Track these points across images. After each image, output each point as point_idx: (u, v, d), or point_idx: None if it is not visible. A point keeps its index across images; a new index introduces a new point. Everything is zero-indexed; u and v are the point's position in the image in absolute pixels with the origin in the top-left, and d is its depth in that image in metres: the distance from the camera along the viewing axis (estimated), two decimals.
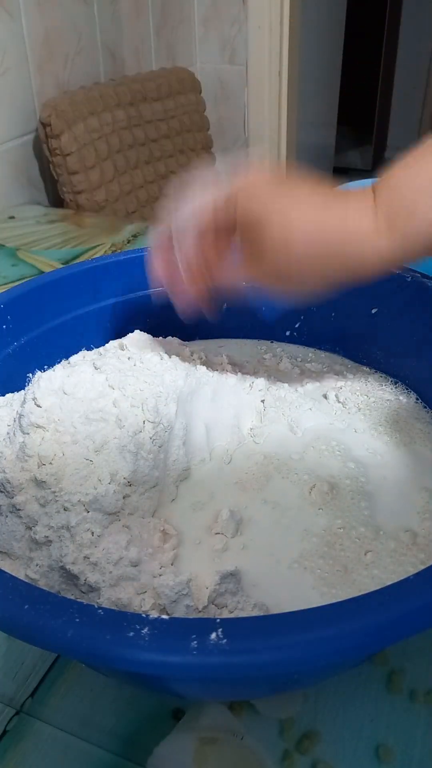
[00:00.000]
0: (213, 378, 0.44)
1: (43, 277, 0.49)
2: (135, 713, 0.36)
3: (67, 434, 0.37)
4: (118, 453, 0.36)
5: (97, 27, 1.21)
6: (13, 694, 0.38)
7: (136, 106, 1.21)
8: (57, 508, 0.35)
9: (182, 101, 1.33)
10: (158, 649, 0.23)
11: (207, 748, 0.35)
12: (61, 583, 0.34)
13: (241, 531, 0.38)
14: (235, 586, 0.33)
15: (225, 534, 0.37)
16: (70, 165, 1.06)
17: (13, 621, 0.25)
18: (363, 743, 0.35)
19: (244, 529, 0.38)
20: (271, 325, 0.56)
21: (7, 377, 0.45)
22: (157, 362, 0.42)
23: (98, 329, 0.50)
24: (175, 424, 0.41)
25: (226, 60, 1.58)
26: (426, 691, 0.37)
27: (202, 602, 0.32)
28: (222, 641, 0.23)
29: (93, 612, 0.25)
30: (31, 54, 1.07)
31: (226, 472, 0.43)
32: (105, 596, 0.32)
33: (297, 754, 0.34)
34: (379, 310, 0.50)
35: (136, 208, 1.21)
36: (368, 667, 0.38)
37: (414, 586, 0.25)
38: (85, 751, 0.35)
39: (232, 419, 0.44)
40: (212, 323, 0.56)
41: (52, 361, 0.47)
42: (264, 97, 1.58)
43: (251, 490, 0.41)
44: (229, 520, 0.37)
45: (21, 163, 1.10)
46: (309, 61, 1.73)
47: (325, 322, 0.54)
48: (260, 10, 1.49)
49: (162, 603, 0.32)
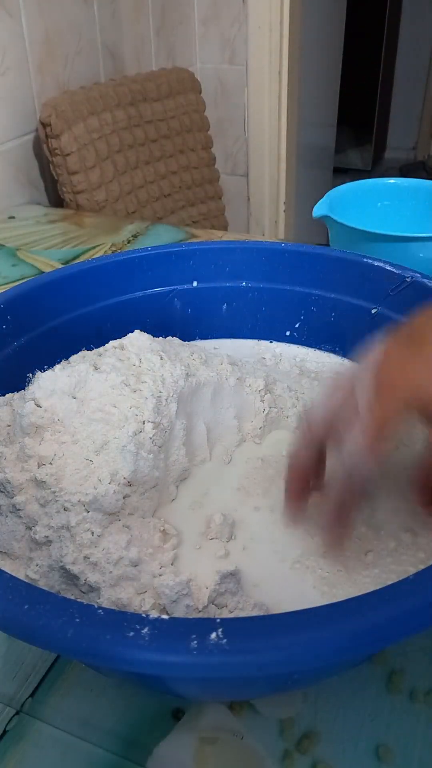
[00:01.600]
0: (213, 378, 0.44)
1: (43, 277, 0.49)
2: (135, 713, 0.36)
3: (67, 434, 0.37)
4: (118, 453, 0.36)
5: (97, 27, 1.21)
6: (13, 694, 0.38)
7: (136, 106, 1.21)
8: (57, 508, 0.35)
9: (182, 101, 1.33)
10: (158, 649, 0.23)
11: (207, 748, 0.35)
12: (61, 583, 0.34)
13: (240, 531, 0.38)
14: (235, 586, 0.33)
15: (220, 539, 0.37)
16: (70, 165, 1.06)
17: (13, 621, 0.25)
18: (363, 743, 0.35)
19: (245, 529, 0.38)
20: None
21: (7, 377, 0.45)
22: (157, 362, 0.42)
23: (98, 329, 0.50)
24: (175, 424, 0.41)
25: (226, 60, 1.58)
26: (426, 691, 0.37)
27: (202, 602, 0.32)
28: (222, 641, 0.23)
29: (93, 612, 0.25)
30: (31, 54, 1.07)
31: (226, 472, 0.43)
32: (105, 596, 0.32)
33: (297, 754, 0.34)
34: (379, 310, 0.50)
35: (136, 208, 1.21)
36: (368, 667, 0.38)
37: (414, 586, 0.25)
38: (85, 751, 0.35)
39: (232, 419, 0.44)
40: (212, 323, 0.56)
41: (52, 361, 0.47)
42: (264, 97, 1.58)
43: (251, 491, 0.41)
44: (223, 525, 0.37)
45: (21, 163, 1.10)
46: (309, 61, 1.72)
47: (325, 322, 0.54)
48: (260, 10, 1.49)
49: (162, 603, 0.32)
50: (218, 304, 0.55)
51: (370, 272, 0.50)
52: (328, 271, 0.52)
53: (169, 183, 1.31)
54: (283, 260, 0.53)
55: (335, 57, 2.10)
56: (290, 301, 0.54)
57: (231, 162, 1.69)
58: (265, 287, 0.54)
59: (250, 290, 0.55)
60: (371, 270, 0.50)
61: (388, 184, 0.76)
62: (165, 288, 0.54)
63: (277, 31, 1.50)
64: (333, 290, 0.52)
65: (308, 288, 0.53)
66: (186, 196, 1.36)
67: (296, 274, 0.53)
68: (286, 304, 0.54)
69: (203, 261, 0.54)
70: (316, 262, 0.52)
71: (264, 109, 1.59)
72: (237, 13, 1.52)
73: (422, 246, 0.61)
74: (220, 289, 0.55)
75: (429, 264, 0.61)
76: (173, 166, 1.32)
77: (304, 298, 0.54)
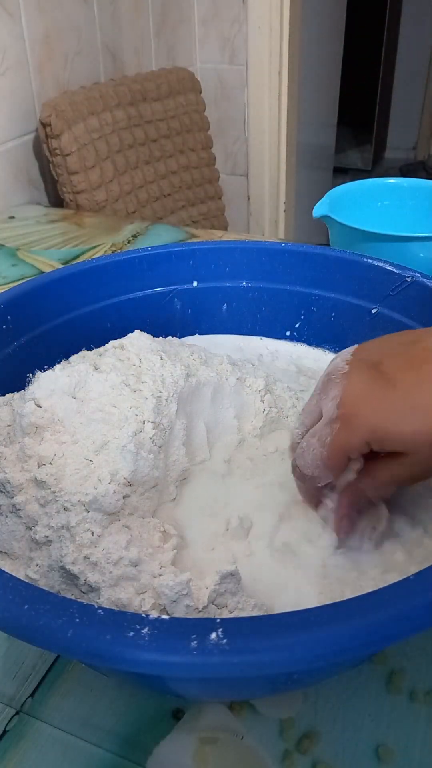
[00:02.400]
0: (213, 378, 0.44)
1: (43, 277, 0.49)
2: (135, 713, 0.36)
3: (67, 434, 0.37)
4: (118, 453, 0.36)
5: (97, 27, 1.21)
6: (13, 694, 0.38)
7: (136, 106, 1.21)
8: (57, 508, 0.35)
9: (182, 101, 1.33)
10: (158, 649, 0.23)
11: (207, 748, 0.35)
12: (61, 583, 0.34)
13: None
14: (235, 586, 0.33)
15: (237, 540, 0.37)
16: (70, 165, 1.06)
17: (13, 621, 0.25)
18: (363, 743, 0.35)
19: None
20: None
21: (7, 377, 0.45)
22: (157, 362, 0.42)
23: (98, 329, 0.50)
24: (175, 424, 0.41)
25: (226, 60, 1.58)
26: (426, 691, 0.37)
27: (202, 602, 0.32)
28: (222, 641, 0.23)
29: (93, 612, 0.25)
30: (31, 54, 1.07)
31: (226, 472, 0.43)
32: (105, 596, 0.32)
33: (297, 754, 0.34)
34: (379, 310, 0.50)
35: (136, 208, 1.21)
36: (368, 667, 0.38)
37: (414, 586, 0.25)
38: (85, 751, 0.35)
39: (232, 419, 0.44)
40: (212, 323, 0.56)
41: (52, 361, 0.47)
42: (264, 97, 1.58)
43: (251, 491, 0.41)
44: (239, 528, 0.38)
45: (21, 163, 1.10)
46: (309, 61, 1.73)
47: (325, 322, 0.54)
48: (260, 10, 1.49)
49: (162, 603, 0.32)
50: (218, 304, 0.55)
51: (370, 272, 0.50)
52: (328, 271, 0.52)
53: (169, 183, 1.31)
54: (283, 260, 0.53)
55: (335, 57, 2.10)
56: (290, 301, 0.54)
57: (231, 162, 1.69)
58: (265, 287, 0.54)
59: (250, 290, 0.55)
60: (371, 270, 0.50)
61: (388, 184, 0.76)
62: (165, 288, 0.54)
63: (277, 31, 1.50)
64: (333, 290, 0.52)
65: (308, 288, 0.53)
66: (186, 196, 1.36)
67: (296, 274, 0.53)
68: (286, 304, 0.54)
69: (203, 261, 0.54)
70: (316, 262, 0.52)
71: (264, 109, 1.59)
72: (237, 13, 1.52)
73: (422, 246, 0.61)
74: (220, 289, 0.55)
75: (429, 264, 0.61)
76: (173, 166, 1.32)
77: (304, 298, 0.54)
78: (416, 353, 0.34)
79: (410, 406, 0.32)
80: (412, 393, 0.32)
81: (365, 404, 0.33)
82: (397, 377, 0.33)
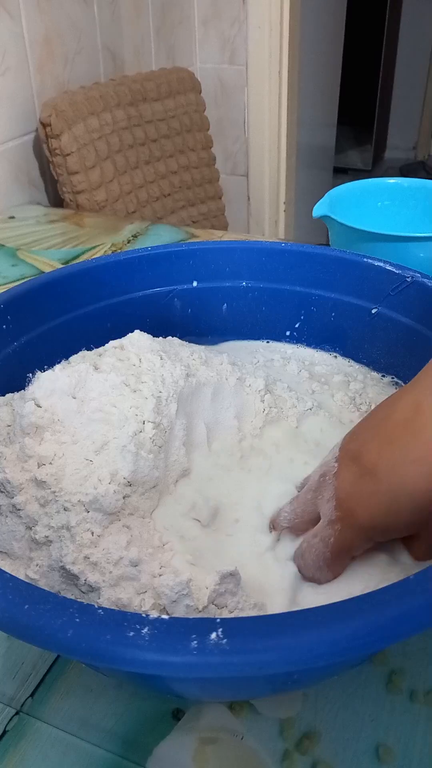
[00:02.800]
0: (213, 378, 0.44)
1: (43, 277, 0.49)
2: (135, 713, 0.36)
3: (67, 434, 0.37)
4: (118, 453, 0.36)
5: (97, 27, 1.21)
6: (13, 694, 0.38)
7: (136, 106, 1.21)
8: (57, 508, 0.35)
9: (182, 101, 1.33)
10: (158, 649, 0.23)
11: (207, 748, 0.35)
12: (61, 583, 0.34)
13: (240, 530, 0.38)
14: (235, 586, 0.33)
15: (199, 519, 0.37)
16: (70, 165, 1.06)
17: (13, 621, 0.25)
18: (363, 743, 0.35)
19: (245, 529, 0.38)
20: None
21: (7, 377, 0.45)
22: (157, 362, 0.42)
23: (98, 329, 0.50)
24: (175, 424, 0.41)
25: (226, 60, 1.58)
26: (426, 691, 0.37)
27: (202, 602, 0.32)
28: (222, 641, 0.23)
29: (93, 612, 0.25)
30: (31, 54, 1.07)
31: (226, 472, 0.42)
32: (105, 596, 0.32)
33: (297, 754, 0.34)
34: (379, 310, 0.50)
35: (136, 208, 1.21)
36: (368, 667, 0.38)
37: (414, 586, 0.25)
38: (85, 751, 0.35)
39: (232, 419, 0.44)
40: (212, 323, 0.56)
41: (52, 361, 0.47)
42: (264, 97, 1.58)
43: (252, 491, 0.41)
44: (203, 507, 0.38)
45: (21, 163, 1.10)
46: (309, 61, 1.73)
47: (325, 322, 0.54)
48: (260, 10, 1.49)
49: (162, 603, 0.32)
50: (218, 304, 0.55)
51: (370, 272, 0.50)
52: (328, 271, 0.52)
53: (169, 183, 1.31)
54: (283, 260, 0.53)
55: (335, 57, 2.10)
56: (290, 301, 0.54)
57: (231, 162, 1.69)
58: (265, 287, 0.54)
59: (250, 290, 0.55)
60: (371, 270, 0.50)
61: (388, 184, 0.76)
62: (165, 288, 0.54)
63: (277, 31, 1.50)
64: (333, 290, 0.52)
65: (308, 288, 0.53)
66: (186, 196, 1.36)
67: (296, 274, 0.53)
68: (286, 304, 0.54)
69: (203, 261, 0.54)
70: (316, 262, 0.52)
71: (264, 109, 1.59)
72: (237, 13, 1.52)
73: (422, 246, 0.61)
74: (220, 289, 0.55)
75: (429, 264, 0.61)
76: (173, 166, 1.32)
77: (304, 298, 0.54)
78: (388, 431, 0.33)
79: (394, 496, 0.31)
80: (393, 481, 0.31)
81: (357, 504, 0.33)
82: (378, 466, 0.32)
